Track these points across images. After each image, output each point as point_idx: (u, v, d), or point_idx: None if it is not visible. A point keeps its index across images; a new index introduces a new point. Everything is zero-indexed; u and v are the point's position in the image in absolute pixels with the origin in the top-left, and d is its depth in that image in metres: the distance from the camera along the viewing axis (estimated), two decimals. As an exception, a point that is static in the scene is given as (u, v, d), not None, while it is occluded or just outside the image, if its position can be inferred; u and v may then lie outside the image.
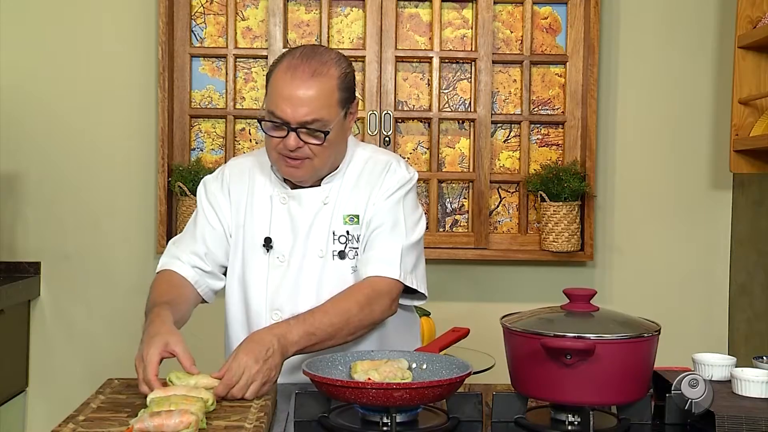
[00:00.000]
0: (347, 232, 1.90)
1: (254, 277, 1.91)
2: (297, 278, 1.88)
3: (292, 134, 1.79)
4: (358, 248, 1.89)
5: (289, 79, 1.78)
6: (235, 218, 1.96)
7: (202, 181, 2.04)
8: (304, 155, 1.81)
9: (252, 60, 3.23)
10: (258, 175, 1.96)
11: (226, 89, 3.20)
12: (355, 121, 1.95)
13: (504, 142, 3.28)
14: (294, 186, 1.92)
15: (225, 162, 3.16)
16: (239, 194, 1.96)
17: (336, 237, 1.89)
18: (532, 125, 3.27)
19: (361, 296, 1.81)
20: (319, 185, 1.91)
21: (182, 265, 1.94)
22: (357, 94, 1.92)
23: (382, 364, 1.61)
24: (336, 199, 1.91)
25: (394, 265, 1.84)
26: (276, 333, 1.70)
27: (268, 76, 1.85)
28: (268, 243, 1.90)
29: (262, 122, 1.82)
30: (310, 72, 1.78)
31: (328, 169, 1.90)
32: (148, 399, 1.48)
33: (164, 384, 1.56)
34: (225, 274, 1.98)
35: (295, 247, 1.90)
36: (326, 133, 1.80)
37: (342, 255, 1.89)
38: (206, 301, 2.00)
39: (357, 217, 1.90)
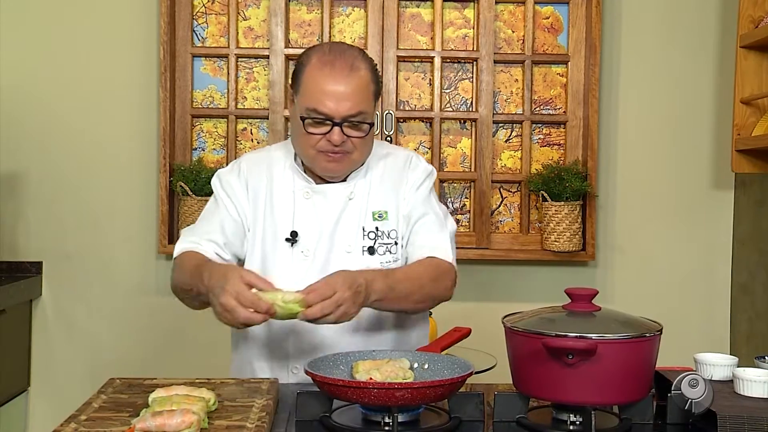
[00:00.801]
0: (376, 228, 1.92)
1: (277, 270, 1.89)
2: (322, 272, 1.86)
3: (337, 129, 1.81)
4: (388, 244, 1.92)
5: (329, 74, 1.81)
6: (252, 212, 1.95)
7: (216, 174, 2.01)
8: (346, 149, 1.84)
9: (253, 60, 3.23)
10: (276, 170, 1.96)
11: (228, 89, 3.21)
12: None
13: (505, 141, 3.28)
14: (319, 181, 1.93)
15: (226, 162, 3.19)
16: (258, 188, 1.95)
17: (366, 233, 1.92)
18: (534, 125, 3.27)
19: (431, 269, 1.87)
20: (345, 180, 1.93)
21: (205, 249, 1.89)
22: None
23: (384, 364, 1.61)
24: (362, 194, 1.93)
25: (447, 251, 1.91)
26: (365, 276, 1.70)
27: (296, 74, 1.86)
28: (294, 237, 1.90)
29: (304, 120, 1.82)
30: (348, 66, 1.82)
31: (360, 165, 1.93)
32: (149, 398, 1.48)
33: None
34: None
35: (320, 241, 1.90)
36: (371, 125, 1.85)
37: (371, 251, 1.91)
38: None
39: (386, 213, 1.93)
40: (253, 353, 1.96)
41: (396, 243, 1.94)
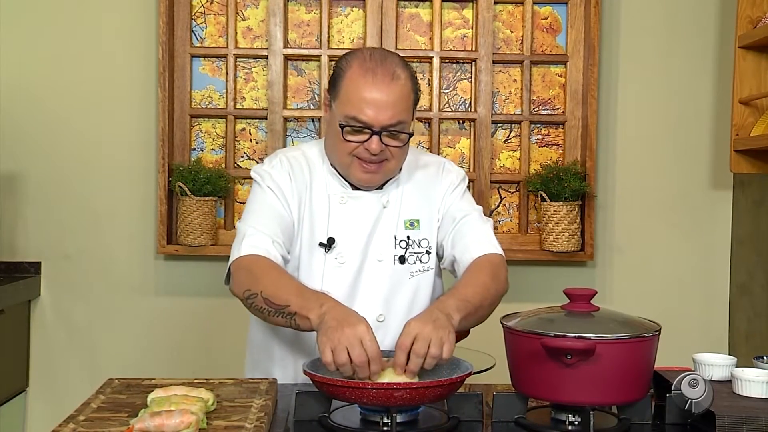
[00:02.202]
0: (407, 237, 1.91)
1: (310, 276, 1.86)
2: (355, 281, 1.87)
3: (376, 138, 1.78)
4: (419, 253, 1.92)
5: (370, 82, 1.78)
6: (295, 212, 1.90)
7: (260, 168, 1.93)
8: (383, 158, 1.82)
9: (252, 60, 3.23)
10: (314, 171, 1.93)
11: (227, 89, 3.20)
12: None
13: (504, 142, 3.28)
14: (354, 187, 1.91)
15: (225, 162, 3.19)
16: (300, 188, 1.91)
17: (397, 242, 1.91)
18: (533, 125, 3.27)
19: (487, 269, 1.85)
20: (381, 188, 1.92)
21: (276, 255, 1.80)
22: None
23: (384, 364, 1.61)
24: (395, 203, 1.92)
25: (495, 244, 1.91)
26: (432, 308, 1.66)
27: (335, 79, 1.83)
28: (330, 243, 1.88)
29: (343, 128, 1.79)
30: (390, 75, 1.79)
31: (396, 173, 1.91)
32: (148, 399, 1.48)
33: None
34: None
35: (355, 249, 1.88)
36: (410, 135, 1.83)
37: (402, 260, 1.91)
38: None
39: (417, 221, 1.93)
40: (275, 362, 1.94)
41: (428, 252, 1.93)
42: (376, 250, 1.89)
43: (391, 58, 1.83)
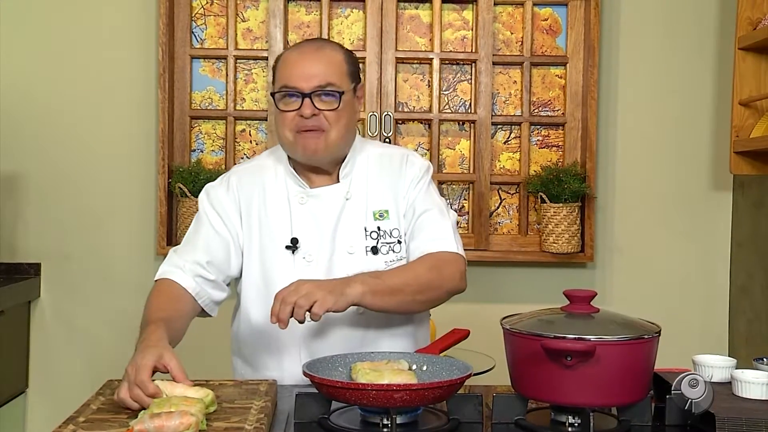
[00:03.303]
0: (378, 228, 1.93)
1: (279, 279, 1.87)
2: (327, 276, 1.87)
3: (307, 101, 1.84)
4: (391, 243, 1.93)
5: (297, 55, 1.88)
6: (246, 224, 1.93)
7: (204, 189, 2.00)
8: (320, 125, 1.85)
9: (252, 61, 3.23)
10: (268, 178, 1.96)
11: (227, 90, 3.21)
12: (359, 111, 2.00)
13: (504, 143, 3.28)
14: (312, 184, 1.93)
15: (225, 163, 3.19)
16: (250, 199, 1.95)
17: (368, 233, 1.92)
18: (533, 126, 3.27)
19: (427, 261, 1.87)
20: (338, 181, 1.93)
21: (183, 275, 1.88)
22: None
23: (382, 366, 1.61)
24: (360, 194, 1.93)
25: (451, 242, 1.91)
26: (344, 276, 1.78)
27: (275, 69, 1.92)
28: (294, 243, 1.90)
29: (275, 95, 1.87)
30: (316, 47, 1.90)
31: (342, 149, 1.92)
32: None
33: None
34: (228, 284, 1.96)
35: (321, 245, 1.90)
36: (341, 94, 1.86)
37: (375, 250, 1.92)
38: (209, 315, 1.94)
39: (387, 212, 1.94)
40: (261, 362, 1.95)
41: (399, 242, 1.94)
42: (344, 242, 1.91)
43: (323, 40, 1.98)
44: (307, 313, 1.66)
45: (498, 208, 3.28)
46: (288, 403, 1.63)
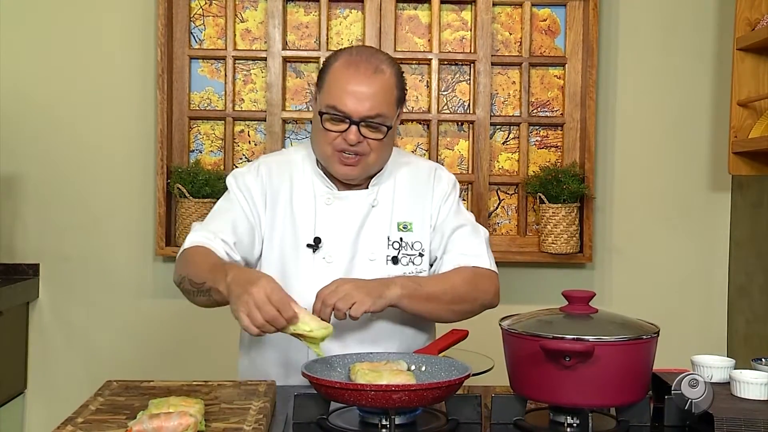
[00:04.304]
0: (401, 239, 1.93)
1: (298, 277, 1.88)
2: None
3: (353, 128, 1.81)
4: (412, 255, 1.93)
5: (353, 74, 1.82)
6: (270, 217, 1.92)
7: (232, 173, 1.98)
8: (361, 151, 1.84)
9: (251, 62, 3.23)
10: (297, 174, 1.95)
11: (225, 91, 3.21)
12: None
13: (503, 143, 3.28)
14: (341, 187, 1.92)
15: (224, 164, 3.19)
16: (278, 191, 1.94)
17: (390, 242, 1.92)
18: (531, 127, 3.27)
19: (464, 274, 1.89)
20: (367, 187, 1.93)
21: (218, 246, 1.84)
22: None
23: (381, 366, 1.61)
24: (386, 203, 1.93)
25: (486, 258, 1.94)
26: (384, 277, 1.81)
27: (322, 73, 1.88)
28: (317, 243, 1.90)
29: (323, 116, 1.84)
30: (373, 69, 1.83)
31: (377, 169, 1.93)
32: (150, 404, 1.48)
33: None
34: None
35: (343, 248, 1.90)
36: (388, 128, 1.85)
37: (395, 260, 1.92)
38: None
39: (410, 224, 1.94)
40: (268, 361, 1.94)
41: (421, 255, 1.94)
42: (366, 248, 1.91)
43: (378, 55, 1.88)
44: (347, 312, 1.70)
45: (497, 208, 3.28)
46: (287, 404, 1.63)
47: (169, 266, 3.18)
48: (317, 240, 1.90)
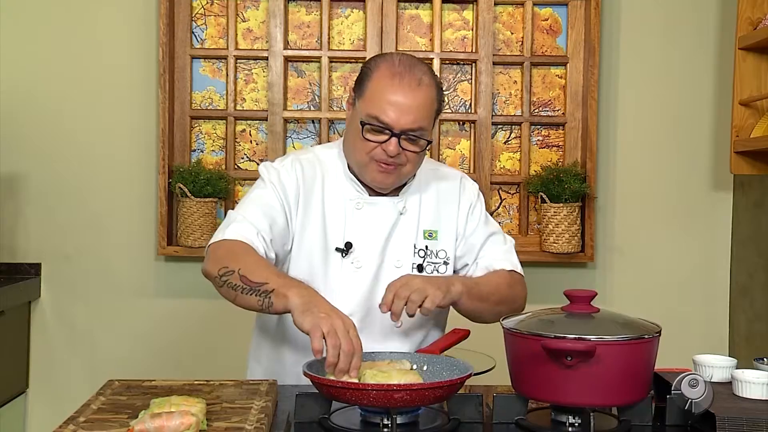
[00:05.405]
0: (426, 247, 1.94)
1: (326, 280, 1.87)
2: (372, 285, 1.88)
3: (394, 140, 1.80)
4: (437, 263, 1.94)
5: (397, 86, 1.80)
6: (302, 215, 1.90)
7: (263, 164, 1.94)
8: (399, 162, 1.84)
9: (252, 61, 3.23)
10: (328, 175, 1.93)
11: (227, 90, 3.21)
12: None
13: (504, 143, 3.28)
14: (370, 192, 1.92)
15: (225, 163, 3.19)
16: (311, 189, 1.91)
17: (416, 250, 1.93)
18: (533, 126, 3.27)
19: (505, 276, 1.96)
20: (397, 194, 1.93)
21: (259, 246, 1.79)
22: None
23: (384, 365, 1.61)
24: (413, 211, 1.94)
25: (516, 264, 2.01)
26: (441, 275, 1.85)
27: (362, 79, 1.85)
28: (348, 248, 1.89)
29: (363, 126, 1.81)
30: (417, 81, 1.81)
31: (409, 178, 1.94)
32: (151, 403, 1.48)
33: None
34: None
35: (372, 254, 1.90)
36: (429, 142, 1.86)
37: (420, 268, 1.93)
38: None
39: (436, 232, 1.96)
40: (289, 359, 1.93)
41: (446, 263, 1.96)
42: (393, 255, 1.91)
43: (420, 66, 1.85)
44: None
45: (498, 208, 3.28)
46: (288, 403, 1.63)
47: (171, 265, 3.20)
48: (348, 245, 1.89)
